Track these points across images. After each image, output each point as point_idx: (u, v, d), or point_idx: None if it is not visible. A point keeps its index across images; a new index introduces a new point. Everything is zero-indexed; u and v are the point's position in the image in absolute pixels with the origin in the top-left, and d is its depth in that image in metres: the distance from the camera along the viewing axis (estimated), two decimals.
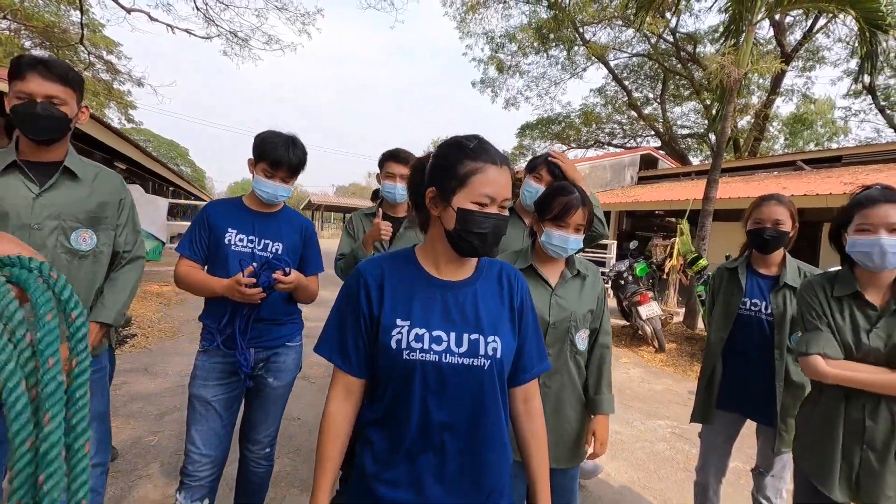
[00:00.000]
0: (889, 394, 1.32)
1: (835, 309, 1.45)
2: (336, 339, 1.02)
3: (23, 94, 1.39)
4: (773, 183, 10.43)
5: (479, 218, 0.96)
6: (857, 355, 1.38)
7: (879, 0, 5.28)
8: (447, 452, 0.95)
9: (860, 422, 1.37)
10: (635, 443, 3.29)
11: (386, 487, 0.96)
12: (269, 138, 1.74)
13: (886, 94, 19.69)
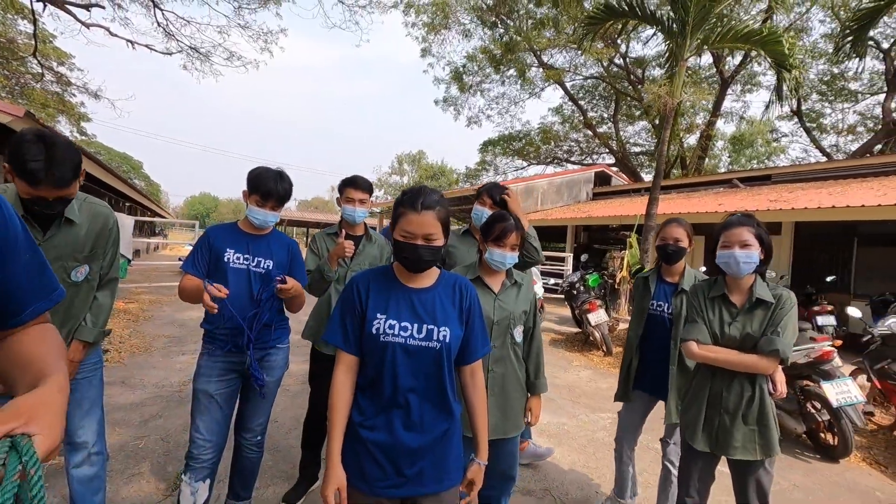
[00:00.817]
0: (738, 370, 1.80)
1: (708, 307, 1.92)
2: (340, 329, 1.40)
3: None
4: (712, 199, 11.38)
5: (404, 246, 1.36)
6: (721, 342, 1.85)
7: (783, 43, 6.12)
8: (411, 408, 1.34)
9: (719, 393, 1.84)
10: (580, 432, 3.73)
11: (367, 431, 1.34)
12: (261, 174, 2.09)
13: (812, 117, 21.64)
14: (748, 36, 6.59)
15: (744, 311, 1.85)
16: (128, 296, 8.63)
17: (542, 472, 3.05)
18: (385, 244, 2.58)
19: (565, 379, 5.20)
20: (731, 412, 1.81)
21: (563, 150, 27.31)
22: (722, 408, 1.83)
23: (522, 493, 2.76)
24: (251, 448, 2.19)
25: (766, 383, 1.81)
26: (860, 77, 19.45)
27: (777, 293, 1.80)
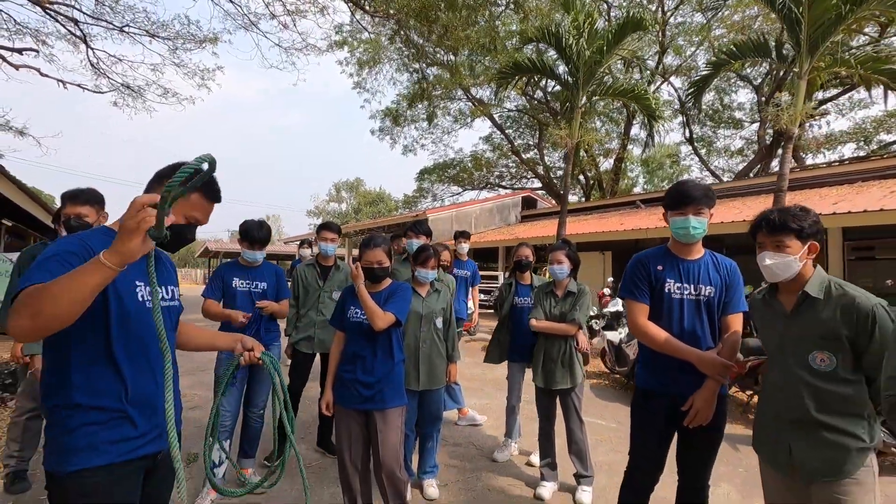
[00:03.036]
0: (558, 334, 2.98)
1: (544, 297, 3.11)
2: (339, 317, 2.39)
3: None
4: (617, 220, 13.20)
5: (365, 268, 2.38)
6: (549, 318, 3.02)
7: (650, 99, 7.82)
8: (367, 360, 2.34)
9: (549, 349, 3.02)
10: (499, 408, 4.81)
11: (344, 372, 2.34)
12: (249, 226, 3.05)
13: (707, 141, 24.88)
14: (625, 92, 8.28)
15: (561, 299, 3.04)
16: None
17: (471, 432, 4.10)
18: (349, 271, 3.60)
19: (493, 374, 6.29)
20: (554, 360, 2.99)
21: (494, 176, 29.01)
22: (550, 358, 3.00)
23: (453, 444, 3.78)
24: (255, 419, 3.06)
25: (573, 341, 2.98)
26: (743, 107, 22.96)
27: (580, 288, 3.01)
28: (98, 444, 1.29)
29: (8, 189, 6.74)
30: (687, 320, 2.08)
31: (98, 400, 1.31)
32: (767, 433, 1.75)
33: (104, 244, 1.19)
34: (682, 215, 2.07)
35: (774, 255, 1.67)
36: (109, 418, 1.32)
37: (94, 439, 1.29)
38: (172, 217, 1.34)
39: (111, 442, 1.31)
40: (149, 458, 1.40)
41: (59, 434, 1.29)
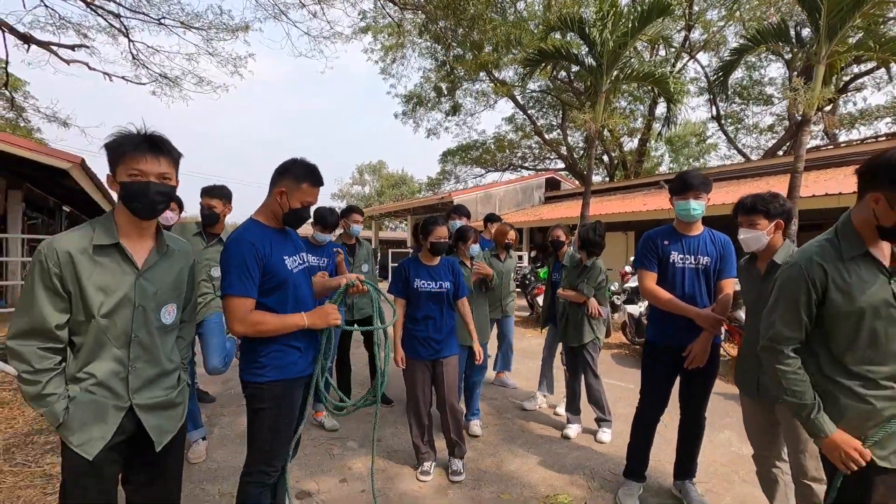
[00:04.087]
0: (574, 301, 3.49)
1: (569, 271, 3.62)
2: (397, 287, 2.95)
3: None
4: (639, 200, 13.44)
5: (433, 243, 2.94)
6: (570, 287, 3.55)
7: (670, 84, 8.08)
8: (436, 320, 2.91)
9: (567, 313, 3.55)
10: (529, 372, 5.38)
11: (416, 332, 2.90)
12: (322, 212, 3.62)
13: (736, 118, 24.37)
14: (646, 76, 8.53)
15: (580, 272, 3.56)
16: None
17: (505, 391, 4.70)
18: (369, 247, 4.20)
19: (520, 345, 6.86)
20: (569, 321, 3.55)
21: (517, 157, 29.10)
22: (566, 320, 3.54)
23: (490, 398, 4.38)
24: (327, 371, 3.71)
25: (585, 308, 3.50)
26: (774, 82, 22.41)
27: (591, 263, 3.52)
28: (278, 366, 1.90)
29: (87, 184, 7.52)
30: (687, 285, 2.58)
31: (277, 336, 1.91)
32: (745, 370, 2.25)
33: (261, 235, 1.90)
34: (684, 199, 2.56)
35: (748, 231, 2.15)
36: (285, 349, 1.92)
37: (276, 362, 1.90)
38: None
39: (286, 365, 1.92)
40: (306, 377, 2.02)
41: (252, 357, 1.91)
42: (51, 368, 1.44)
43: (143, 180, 1.51)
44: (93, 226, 1.54)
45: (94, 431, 1.47)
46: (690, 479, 2.73)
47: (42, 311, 1.42)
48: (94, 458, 1.47)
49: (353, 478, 2.98)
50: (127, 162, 1.50)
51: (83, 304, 1.47)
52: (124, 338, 1.53)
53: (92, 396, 1.48)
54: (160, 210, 1.57)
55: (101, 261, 1.50)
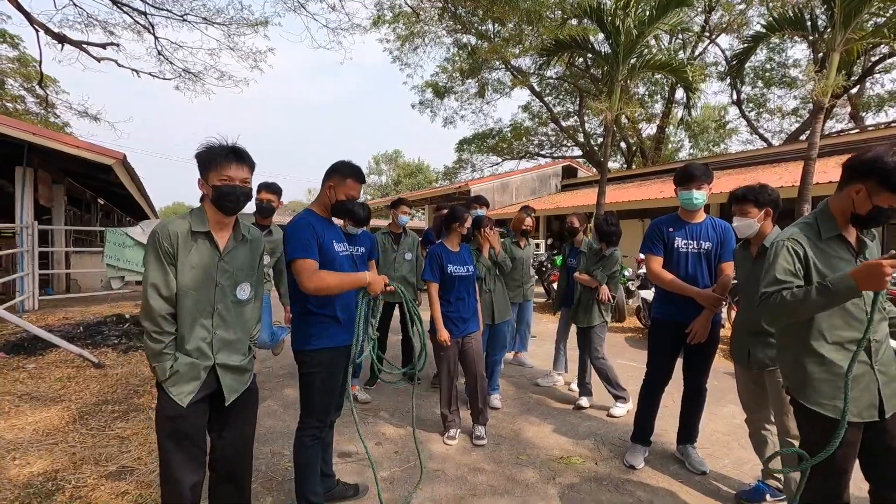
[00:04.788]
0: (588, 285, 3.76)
1: (586, 257, 3.88)
2: (432, 273, 3.25)
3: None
4: (656, 188, 13.50)
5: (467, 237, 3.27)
6: (585, 272, 3.81)
7: (688, 72, 8.16)
8: (465, 301, 3.23)
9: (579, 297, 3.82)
10: (543, 352, 5.68)
11: (448, 312, 3.22)
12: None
13: (759, 102, 23.86)
14: (664, 65, 8.62)
15: (599, 259, 3.81)
16: None
17: (523, 370, 5.01)
18: (416, 237, 4.49)
19: (536, 328, 7.15)
20: (579, 304, 3.81)
21: (534, 145, 29.02)
22: (580, 304, 3.80)
23: (508, 376, 4.70)
24: None
25: (597, 293, 3.76)
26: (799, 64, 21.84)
27: (610, 252, 3.76)
28: (324, 335, 2.24)
29: (125, 178, 7.99)
30: (690, 267, 2.84)
31: (321, 309, 2.25)
32: (737, 342, 2.52)
33: (316, 220, 2.24)
34: (687, 189, 2.82)
35: (740, 219, 2.40)
36: (329, 322, 2.26)
37: (323, 333, 2.24)
38: None
39: (330, 335, 2.26)
40: (347, 346, 2.35)
41: (302, 328, 2.25)
42: (171, 332, 1.82)
43: (230, 184, 1.85)
44: (188, 217, 1.91)
45: (188, 386, 1.83)
46: (692, 443, 3.01)
47: (163, 279, 1.79)
48: (186, 406, 1.84)
49: (387, 441, 3.34)
50: (217, 169, 1.85)
51: (179, 278, 1.82)
52: (209, 309, 1.88)
53: (189, 359, 1.84)
54: (241, 207, 1.93)
55: (195, 244, 1.87)
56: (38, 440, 3.25)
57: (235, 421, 2.00)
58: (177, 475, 1.82)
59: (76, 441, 3.26)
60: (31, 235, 7.19)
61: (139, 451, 3.15)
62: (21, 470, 2.86)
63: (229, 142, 1.90)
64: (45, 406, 3.85)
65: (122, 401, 4.01)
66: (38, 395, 4.07)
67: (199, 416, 1.89)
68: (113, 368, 4.81)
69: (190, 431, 1.86)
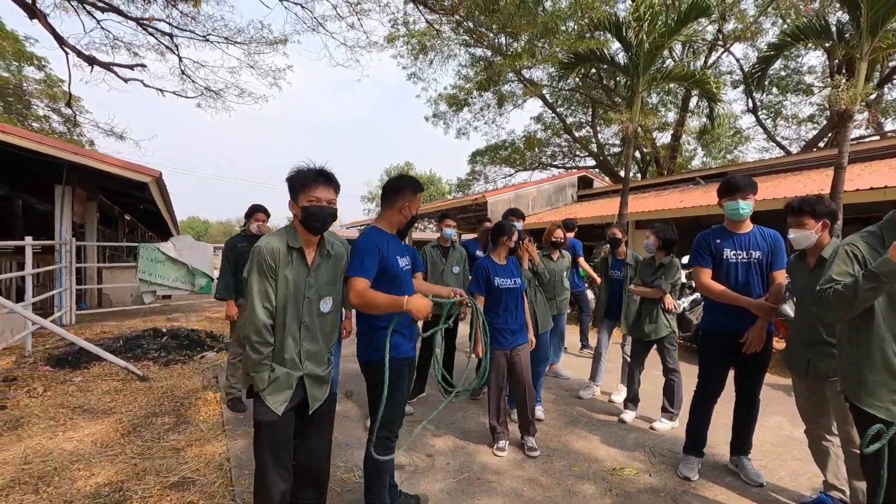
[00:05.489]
0: (649, 297, 3.77)
1: (642, 267, 3.91)
2: (478, 286, 3.31)
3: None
4: (676, 197, 13.46)
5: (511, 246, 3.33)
6: (643, 284, 3.83)
7: (711, 83, 8.19)
8: (513, 313, 3.28)
9: (640, 309, 3.82)
10: (578, 363, 5.68)
11: (496, 324, 3.26)
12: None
13: (776, 109, 23.73)
14: (686, 76, 8.68)
15: (654, 269, 3.83)
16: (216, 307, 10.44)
17: (559, 381, 5.02)
18: (463, 252, 4.54)
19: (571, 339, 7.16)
20: (643, 316, 3.79)
21: (546, 156, 29.09)
22: (645, 316, 3.81)
23: (546, 388, 4.71)
24: None
25: (660, 303, 3.78)
26: (815, 71, 21.72)
27: (670, 261, 3.78)
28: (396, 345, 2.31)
29: (157, 195, 8.20)
30: (741, 277, 2.86)
31: (387, 323, 2.32)
32: (794, 352, 2.53)
33: (380, 238, 2.32)
34: (732, 200, 2.86)
35: (797, 231, 2.43)
36: (392, 333, 2.33)
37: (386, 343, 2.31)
38: None
39: (393, 346, 2.33)
40: (409, 358, 2.42)
41: (368, 340, 2.33)
42: (271, 343, 1.91)
43: (317, 205, 1.95)
44: (283, 234, 2.02)
45: (282, 395, 1.92)
46: (746, 455, 3.00)
47: (266, 292, 1.90)
48: (281, 414, 1.92)
49: (437, 454, 3.37)
50: (307, 191, 1.95)
51: (282, 291, 1.93)
52: (297, 321, 1.97)
53: (284, 369, 1.93)
54: (328, 227, 2.03)
55: (291, 259, 1.98)
56: (98, 451, 3.34)
57: (318, 429, 2.08)
58: (270, 480, 1.90)
59: (134, 452, 3.34)
60: (69, 252, 7.39)
61: (195, 462, 3.22)
62: (87, 481, 2.95)
63: (317, 165, 2.01)
64: (98, 418, 3.95)
65: (170, 413, 4.11)
66: (90, 408, 4.18)
67: (289, 425, 1.97)
68: (157, 381, 4.92)
69: (282, 439, 1.94)
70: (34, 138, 6.65)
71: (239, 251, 4.27)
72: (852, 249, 1.84)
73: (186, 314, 9.17)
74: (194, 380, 5.00)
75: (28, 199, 13.69)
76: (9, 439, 3.50)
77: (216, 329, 7.64)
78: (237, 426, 3.81)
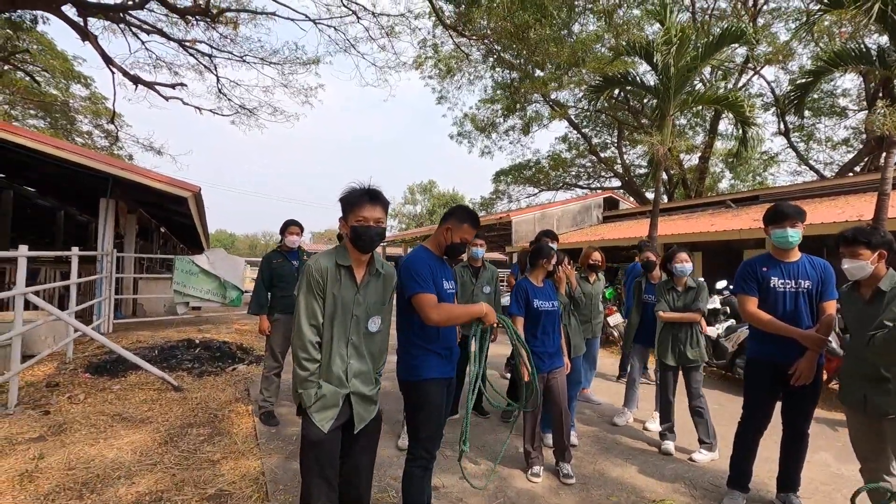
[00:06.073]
0: (684, 321, 3.70)
1: (666, 292, 3.84)
2: (517, 307, 3.30)
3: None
4: (707, 220, 13.23)
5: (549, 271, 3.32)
6: (673, 309, 3.76)
7: (744, 106, 8.11)
8: (550, 336, 3.26)
9: (677, 334, 3.73)
10: (609, 389, 5.57)
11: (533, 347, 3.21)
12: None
13: (808, 132, 23.27)
14: (718, 99, 8.61)
15: (683, 292, 3.77)
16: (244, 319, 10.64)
17: (592, 407, 4.93)
18: (494, 271, 4.54)
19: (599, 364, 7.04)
20: (683, 342, 3.71)
21: (571, 176, 29.05)
22: (679, 341, 3.72)
23: (578, 412, 4.63)
24: None
25: (698, 326, 3.70)
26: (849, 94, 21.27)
27: (699, 282, 3.71)
28: (426, 367, 2.32)
29: (195, 209, 8.47)
30: (789, 307, 2.79)
31: (427, 344, 2.34)
32: (850, 387, 2.44)
33: (429, 258, 2.34)
34: (781, 228, 2.81)
35: (851, 262, 2.37)
36: (429, 354, 2.35)
37: (425, 364, 2.32)
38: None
39: (432, 367, 2.34)
40: (448, 378, 2.42)
41: (407, 360, 2.34)
42: (317, 360, 1.94)
43: (364, 224, 1.99)
44: (333, 252, 2.06)
45: (329, 412, 1.94)
46: (794, 492, 2.88)
47: (313, 309, 1.94)
48: (327, 431, 1.93)
49: (470, 477, 3.33)
50: (355, 211, 2.00)
51: (330, 308, 1.97)
52: (345, 339, 2.00)
53: (331, 386, 1.96)
54: (376, 245, 2.06)
55: (340, 277, 2.02)
56: (137, 460, 3.41)
57: (363, 448, 2.09)
58: (315, 498, 1.91)
59: (172, 463, 3.40)
60: (110, 262, 7.66)
61: (231, 475, 3.25)
62: (129, 489, 3.01)
63: (366, 185, 2.05)
64: (136, 427, 4.04)
65: (205, 424, 4.17)
66: (128, 416, 4.27)
67: (335, 443, 1.99)
68: (191, 392, 5.01)
69: (329, 457, 1.95)
70: (84, 153, 6.99)
71: (274, 267, 4.37)
72: None
73: (217, 326, 9.35)
74: (227, 392, 5.08)
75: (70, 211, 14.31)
76: (53, 444, 3.60)
77: (246, 342, 7.76)
78: (270, 440, 3.84)
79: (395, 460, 3.50)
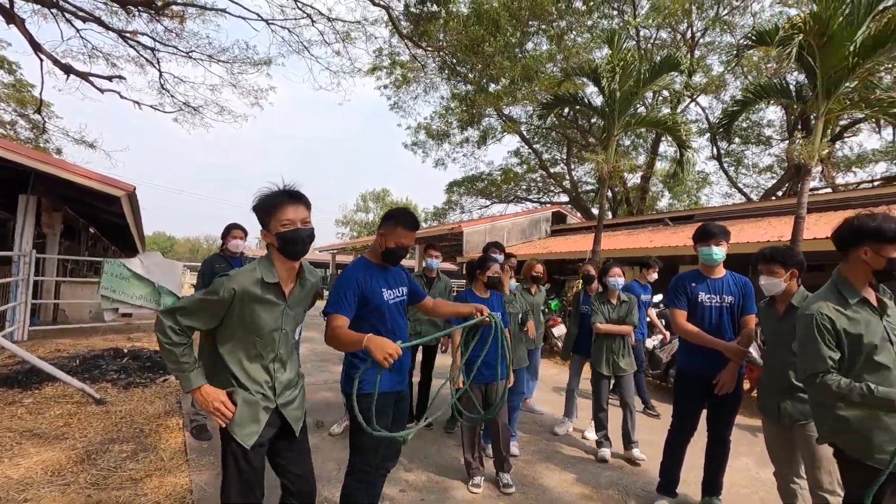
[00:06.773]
0: (616, 333, 3.86)
1: (601, 304, 4.01)
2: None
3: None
4: (646, 237, 13.92)
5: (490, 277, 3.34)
6: (608, 321, 3.92)
7: (681, 130, 8.66)
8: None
9: (610, 346, 3.91)
10: (549, 397, 5.70)
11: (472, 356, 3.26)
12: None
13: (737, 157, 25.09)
14: (659, 122, 9.14)
15: (617, 305, 3.94)
16: None
17: (534, 416, 5.01)
18: (448, 282, 4.55)
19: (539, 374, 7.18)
20: (616, 353, 3.88)
21: (522, 189, 29.78)
22: (612, 352, 3.89)
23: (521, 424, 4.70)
24: None
25: (628, 338, 3.87)
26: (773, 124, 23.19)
27: (630, 296, 3.91)
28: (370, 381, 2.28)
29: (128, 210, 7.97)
30: (714, 320, 2.98)
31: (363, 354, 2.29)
32: (766, 399, 2.63)
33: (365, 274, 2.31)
34: (706, 246, 3.00)
35: (768, 279, 2.56)
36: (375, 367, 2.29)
37: (369, 378, 2.27)
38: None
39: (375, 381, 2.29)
40: (396, 393, 2.38)
41: (351, 374, 2.29)
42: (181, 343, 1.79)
43: (292, 228, 1.81)
44: (258, 267, 1.89)
45: (250, 428, 1.84)
46: (717, 495, 3.05)
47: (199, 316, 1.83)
48: (251, 448, 1.84)
49: (410, 488, 3.30)
50: (276, 215, 1.81)
51: (250, 326, 1.85)
52: (272, 354, 1.92)
53: (253, 398, 1.86)
54: (307, 250, 1.91)
55: (264, 295, 1.87)
56: (48, 480, 3.12)
57: (299, 453, 2.03)
58: None
59: (88, 483, 3.14)
60: (27, 264, 7.05)
61: (155, 494, 3.05)
62: None
63: (280, 186, 1.89)
64: (49, 444, 3.71)
65: (129, 439, 3.89)
66: (40, 433, 3.92)
67: (260, 460, 1.90)
68: (115, 405, 4.66)
69: (253, 476, 1.86)
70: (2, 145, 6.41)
71: (217, 272, 4.17)
72: (822, 321, 1.92)
73: (149, 334, 8.78)
74: (156, 405, 4.76)
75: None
76: None
77: None
78: (201, 456, 3.64)
79: (335, 475, 3.41)
